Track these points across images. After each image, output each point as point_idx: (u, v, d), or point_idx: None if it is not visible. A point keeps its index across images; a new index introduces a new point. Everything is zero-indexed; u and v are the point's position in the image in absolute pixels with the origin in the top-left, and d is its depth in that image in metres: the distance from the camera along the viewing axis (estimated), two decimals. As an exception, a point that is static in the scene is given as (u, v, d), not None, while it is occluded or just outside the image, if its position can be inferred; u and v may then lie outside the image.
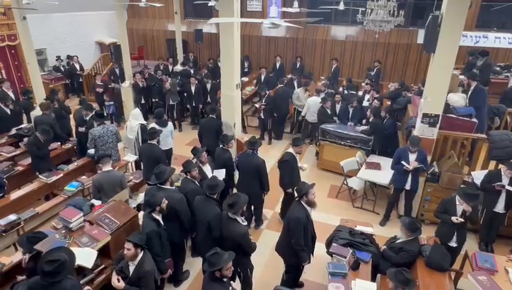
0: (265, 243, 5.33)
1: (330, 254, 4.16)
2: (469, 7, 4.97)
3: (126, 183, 5.12)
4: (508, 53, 10.62)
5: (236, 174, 5.64)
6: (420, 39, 10.60)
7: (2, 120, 7.07)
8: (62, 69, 11.81)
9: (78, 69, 11.94)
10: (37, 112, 7.30)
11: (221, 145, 5.54)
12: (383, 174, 5.97)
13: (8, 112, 7.15)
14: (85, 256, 3.51)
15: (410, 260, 4.00)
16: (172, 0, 11.73)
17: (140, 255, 3.37)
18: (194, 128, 9.40)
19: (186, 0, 13.90)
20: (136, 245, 3.30)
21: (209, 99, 9.44)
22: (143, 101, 9.58)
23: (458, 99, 6.29)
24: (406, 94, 8.32)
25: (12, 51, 10.25)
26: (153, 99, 9.67)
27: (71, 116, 7.69)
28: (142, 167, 6.03)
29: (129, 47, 9.68)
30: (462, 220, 4.24)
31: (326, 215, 5.90)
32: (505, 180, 4.74)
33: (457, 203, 4.33)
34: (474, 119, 5.96)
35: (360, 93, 8.95)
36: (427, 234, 4.64)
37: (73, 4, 11.89)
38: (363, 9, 7.90)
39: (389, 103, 8.27)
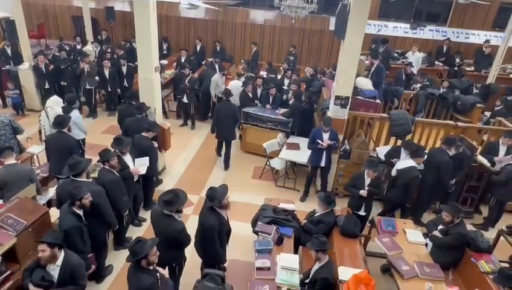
0: (191, 228, 5.30)
1: (256, 232, 4.35)
2: (372, -2, 5.45)
3: (36, 177, 4.60)
4: (404, 41, 11.99)
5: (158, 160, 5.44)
6: (332, 26, 11.33)
7: None
8: None
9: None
10: None
11: (143, 133, 5.26)
12: (302, 154, 6.36)
13: None
14: (-15, 263, 3.11)
15: (327, 230, 4.39)
16: (77, -27, 10.57)
17: (62, 254, 3.12)
18: (110, 114, 8.77)
19: (93, -27, 12.64)
20: (51, 245, 3.02)
21: (125, 83, 8.86)
22: (47, 86, 8.56)
23: (365, 82, 6.95)
24: (321, 78, 8.89)
25: None
26: (62, 83, 8.71)
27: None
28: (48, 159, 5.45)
29: (26, 24, 8.49)
30: (367, 192, 4.77)
31: (251, 196, 6.10)
32: (402, 156, 5.42)
33: (365, 177, 4.86)
34: (378, 101, 6.67)
35: (279, 76, 9.27)
36: (341, 206, 5.12)
37: None
38: (281, -6, 8.11)
39: (304, 86, 8.74)
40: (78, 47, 10.62)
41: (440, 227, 4.31)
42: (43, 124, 5.89)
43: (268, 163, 6.62)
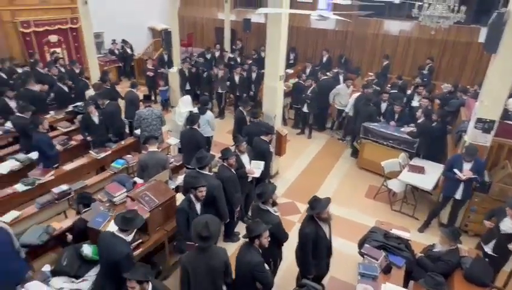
0: (296, 235, 5.31)
1: (362, 254, 4.08)
2: (542, 5, 4.51)
3: (169, 165, 5.34)
4: None
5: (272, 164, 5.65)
6: (482, 38, 9.82)
7: (61, 97, 7.65)
8: (116, 52, 12.47)
9: (131, 53, 12.54)
10: (91, 91, 7.79)
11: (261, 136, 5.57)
12: (427, 179, 5.69)
13: (66, 89, 7.70)
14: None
15: (448, 270, 3.80)
16: (224, -11, 11.86)
17: (150, 286, 3.01)
18: (236, 117, 9.53)
19: (237, -11, 14.01)
20: (140, 282, 2.92)
21: (253, 89, 9.48)
22: (188, 87, 9.85)
23: (520, 105, 5.80)
24: (461, 96, 7.80)
25: (74, 33, 10.97)
26: (197, 86, 9.90)
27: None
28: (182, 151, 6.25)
29: (179, 34, 9.95)
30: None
31: (361, 216, 5.77)
32: None
33: (507, 215, 4.04)
34: (537, 129, 5.47)
35: (409, 92, 8.51)
36: (470, 246, 4.38)
37: (131, -10, 12.45)
38: (420, 3, 7.46)
39: (439, 104, 7.81)
40: (217, 54, 11.91)
41: None
42: (172, 119, 6.81)
43: (385, 183, 6.15)
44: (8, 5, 9.34)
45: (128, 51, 12.64)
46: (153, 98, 10.28)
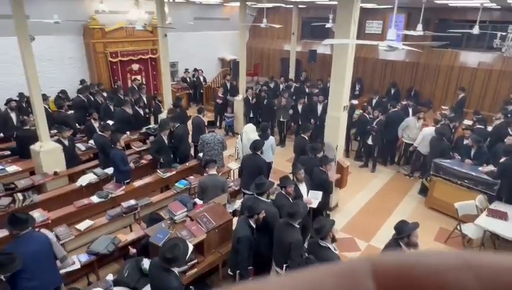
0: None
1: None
2: None
3: (227, 188, 5.46)
4: None
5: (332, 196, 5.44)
6: None
7: (137, 119, 8.37)
8: (188, 80, 13.42)
9: (203, 82, 13.39)
10: (164, 114, 8.40)
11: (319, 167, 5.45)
12: (510, 227, 5.01)
13: (142, 112, 8.45)
14: (182, 248, 3.83)
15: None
16: (291, 22, 12.24)
17: None
18: (297, 145, 9.51)
19: (304, 22, 14.35)
20: None
21: (317, 120, 9.40)
22: (251, 115, 10.13)
23: None
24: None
25: (153, 63, 12.14)
26: (259, 113, 10.15)
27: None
28: (241, 176, 6.34)
29: (246, 64, 10.40)
30: None
31: (430, 261, 5.23)
32: None
33: None
34: None
35: (489, 128, 7.75)
36: None
37: (205, 24, 13.49)
38: (503, 33, 6.90)
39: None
40: (281, 85, 12.15)
41: None
42: (238, 145, 6.97)
43: (459, 227, 5.54)
44: (102, 38, 10.73)
45: (201, 79, 13.53)
46: (217, 124, 10.77)
